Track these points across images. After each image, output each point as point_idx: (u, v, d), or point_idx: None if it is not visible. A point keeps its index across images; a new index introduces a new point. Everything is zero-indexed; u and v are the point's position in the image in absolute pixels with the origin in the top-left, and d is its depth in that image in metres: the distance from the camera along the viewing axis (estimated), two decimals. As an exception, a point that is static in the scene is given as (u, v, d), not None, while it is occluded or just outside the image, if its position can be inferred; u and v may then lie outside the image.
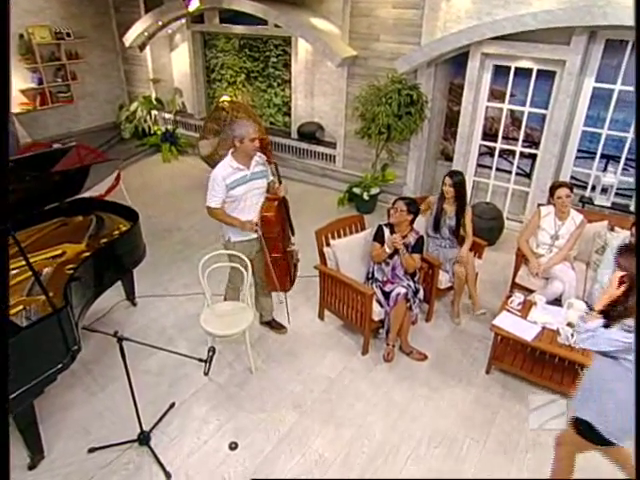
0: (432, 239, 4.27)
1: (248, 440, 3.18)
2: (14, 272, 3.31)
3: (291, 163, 7.17)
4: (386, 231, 3.81)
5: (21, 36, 6.89)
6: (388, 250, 3.73)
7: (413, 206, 3.75)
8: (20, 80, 6.99)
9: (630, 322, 2.10)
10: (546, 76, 5.28)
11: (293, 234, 3.87)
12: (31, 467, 2.95)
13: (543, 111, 5.44)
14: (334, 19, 6.22)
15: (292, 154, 7.16)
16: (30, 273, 3.30)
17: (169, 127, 8.00)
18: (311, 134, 6.88)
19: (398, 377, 3.71)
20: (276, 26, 6.60)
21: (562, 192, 4.02)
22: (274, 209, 3.52)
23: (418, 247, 3.82)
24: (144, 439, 3.09)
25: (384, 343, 3.89)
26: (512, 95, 5.58)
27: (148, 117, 8.01)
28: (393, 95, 5.48)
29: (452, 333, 4.19)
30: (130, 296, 4.37)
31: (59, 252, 3.58)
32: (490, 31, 4.89)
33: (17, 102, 6.92)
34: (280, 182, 3.60)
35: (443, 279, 4.20)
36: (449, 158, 6.47)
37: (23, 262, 3.38)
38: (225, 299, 3.95)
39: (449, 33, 5.33)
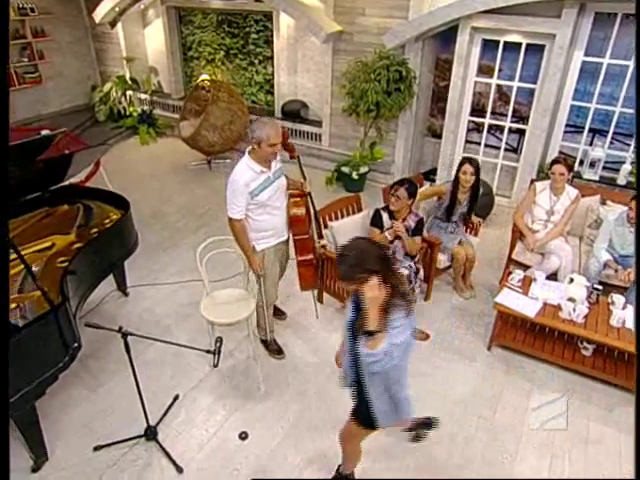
0: (437, 221, 4.22)
1: (258, 429, 3.13)
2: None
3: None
4: (384, 215, 3.73)
5: (-19, 12, 6.44)
6: (389, 237, 3.67)
7: (413, 189, 3.66)
8: (-17, 60, 6.56)
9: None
10: (535, 50, 5.25)
11: (321, 229, 3.65)
12: (35, 469, 2.84)
13: (532, 86, 5.41)
14: (317, -8, 6.02)
15: (276, 134, 6.98)
16: (20, 268, 3.14)
17: (145, 108, 7.69)
18: (295, 112, 6.71)
19: (401, 358, 3.70)
20: (256, 0, 6.35)
21: (556, 169, 4.03)
22: (302, 206, 3.27)
23: (418, 229, 3.78)
24: (151, 434, 3.01)
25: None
26: (500, 70, 5.54)
27: (123, 98, 7.66)
28: (382, 71, 5.37)
29: (452, 311, 4.20)
30: (121, 286, 4.22)
31: (48, 244, 3.40)
32: (482, 4, 4.80)
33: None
34: (304, 177, 3.34)
35: (442, 259, 4.19)
36: (436, 135, 6.43)
37: (14, 255, 3.24)
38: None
39: (437, 7, 5.22)
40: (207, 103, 6.49)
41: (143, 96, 7.87)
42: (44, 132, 2.78)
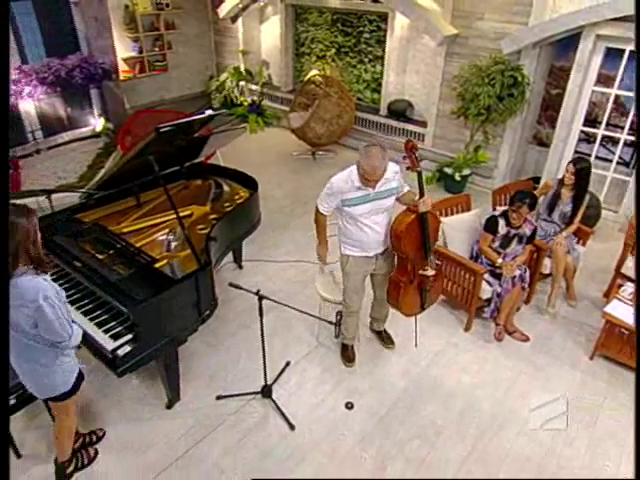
0: (541, 221, 4.25)
1: (361, 403, 3.35)
2: (153, 228, 3.57)
3: (379, 140, 7.19)
4: (501, 222, 3.76)
5: (126, 7, 7.17)
6: (506, 275, 3.72)
7: (534, 203, 3.69)
8: (123, 49, 7.30)
9: None
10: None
11: (427, 256, 3.19)
12: (169, 406, 3.24)
13: (656, 98, 5.22)
14: (435, -5, 6.14)
15: (380, 131, 7.18)
16: (167, 231, 3.57)
17: (255, 98, 8.17)
18: (401, 112, 6.87)
19: (502, 354, 3.78)
20: (374, 1, 6.58)
21: None
22: (406, 224, 3.00)
23: (532, 238, 3.83)
24: (267, 392, 3.32)
25: (487, 321, 3.97)
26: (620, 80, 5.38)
27: (236, 88, 8.20)
28: (496, 76, 5.40)
29: (552, 317, 4.19)
30: (238, 259, 4.61)
31: (188, 213, 3.81)
32: (612, 11, 4.71)
33: (121, 70, 7.24)
34: (422, 194, 3.00)
35: (547, 264, 4.20)
36: (541, 143, 6.34)
37: (160, 219, 3.69)
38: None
39: (560, 13, 5.17)
40: (316, 97, 6.81)
41: (254, 87, 8.36)
42: (208, 112, 3.12)
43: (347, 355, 3.66)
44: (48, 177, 5.59)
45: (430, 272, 3.20)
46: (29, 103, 6.18)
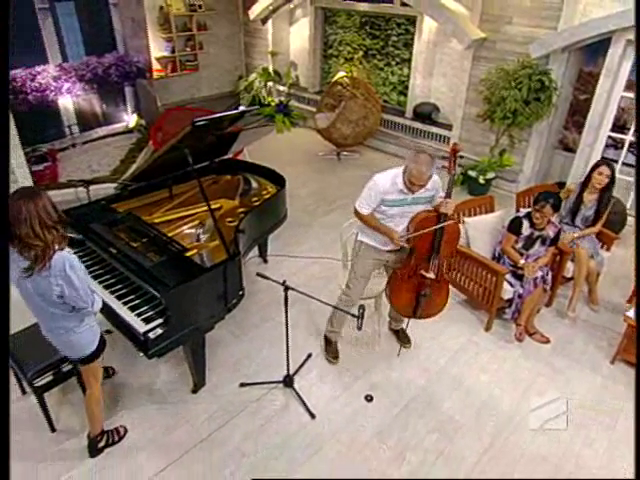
0: (564, 225, 4.25)
1: (380, 396, 3.41)
2: (184, 220, 3.71)
3: (404, 142, 7.27)
4: (525, 223, 3.79)
5: (161, 8, 7.39)
6: (528, 276, 3.75)
7: (558, 204, 3.70)
8: (156, 48, 7.52)
9: None
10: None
11: (432, 258, 3.17)
12: (194, 391, 3.36)
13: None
14: (464, 0, 6.18)
15: (405, 133, 7.25)
16: (197, 222, 3.70)
17: (282, 99, 8.31)
18: (426, 114, 6.92)
19: (521, 355, 3.80)
20: (402, 4, 6.65)
21: None
22: (423, 217, 3.06)
23: (555, 240, 3.85)
24: (289, 381, 3.42)
25: (508, 321, 4.00)
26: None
27: (264, 88, 8.36)
28: (523, 80, 5.42)
29: (573, 321, 4.19)
30: (263, 254, 4.73)
31: (217, 206, 3.94)
32: (643, 17, 4.70)
33: (154, 69, 7.47)
34: (448, 195, 3.05)
35: (570, 267, 4.21)
36: (567, 148, 6.32)
37: (191, 211, 3.82)
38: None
39: (590, 18, 5.17)
40: (343, 98, 6.91)
41: (282, 88, 8.51)
42: (241, 108, 3.24)
43: (332, 350, 3.68)
44: (83, 170, 5.81)
45: (430, 275, 3.19)
46: (67, 99, 6.43)
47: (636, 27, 3.31)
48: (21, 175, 4.49)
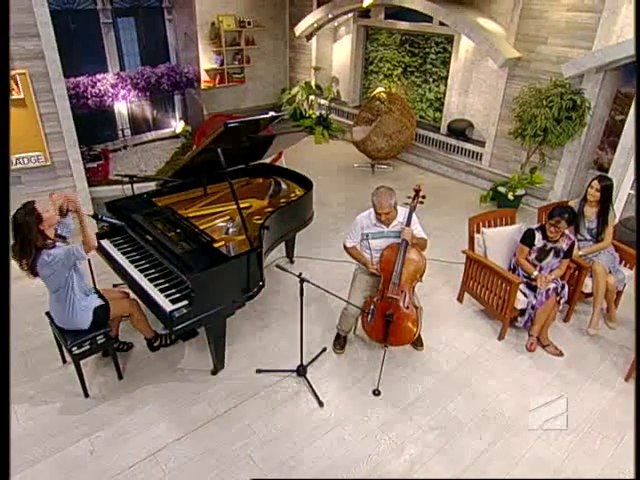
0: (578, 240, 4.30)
1: (388, 392, 3.56)
2: (215, 215, 4.03)
3: (437, 157, 7.43)
4: (537, 235, 3.90)
5: (213, 24, 7.92)
6: (540, 287, 3.84)
7: (573, 218, 3.80)
8: (206, 61, 8.04)
9: None
10: None
11: (392, 279, 3.53)
12: (214, 372, 3.63)
13: None
14: (501, 20, 6.33)
15: (439, 148, 7.41)
16: (228, 218, 4.01)
17: (323, 112, 8.65)
18: (461, 131, 7.06)
19: (532, 365, 3.86)
20: (441, 24, 6.86)
21: None
22: (390, 244, 3.57)
23: (569, 253, 3.91)
24: (302, 371, 3.63)
25: (522, 332, 4.08)
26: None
27: (306, 102, 8.73)
28: (555, 98, 5.50)
29: (590, 337, 4.20)
30: (290, 254, 4.99)
31: (247, 205, 4.25)
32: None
33: (202, 80, 7.97)
34: (407, 225, 3.55)
35: (588, 283, 4.23)
36: (602, 169, 6.29)
37: (222, 208, 4.14)
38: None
39: (625, 38, 5.21)
40: (380, 113, 7.16)
41: (323, 101, 8.86)
42: (271, 113, 3.53)
43: (339, 342, 3.97)
44: (131, 169, 6.28)
45: (391, 294, 3.51)
46: (122, 104, 6.99)
47: (636, 28, 3.37)
48: (76, 170, 4.95)
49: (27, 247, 2.90)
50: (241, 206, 4.20)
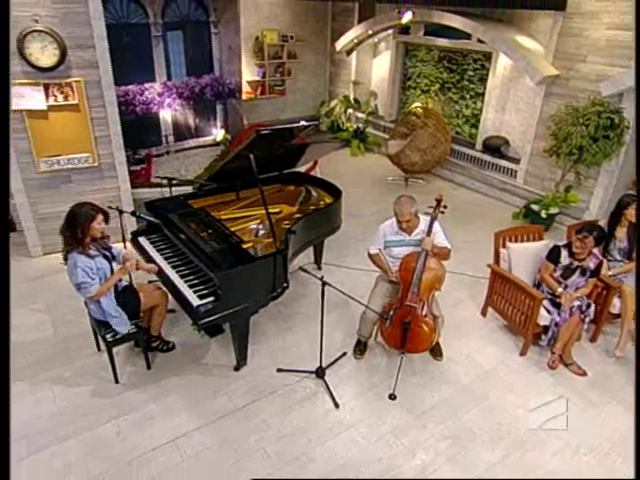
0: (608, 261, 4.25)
1: (404, 398, 3.62)
2: (246, 219, 4.21)
3: (471, 173, 7.43)
4: (563, 253, 3.89)
5: (257, 38, 8.24)
6: (564, 304, 3.83)
7: (602, 237, 3.78)
8: (249, 73, 8.35)
9: None
10: None
11: (410, 288, 3.58)
12: (236, 369, 3.79)
13: None
14: (540, 38, 6.33)
15: (474, 164, 7.41)
16: (258, 221, 4.18)
17: (360, 125, 8.80)
18: (496, 147, 7.05)
19: (554, 383, 3.83)
20: (479, 41, 6.91)
21: None
22: (410, 253, 3.64)
23: (596, 272, 3.88)
24: (321, 373, 3.73)
25: (544, 350, 4.04)
26: None
27: (344, 114, 8.91)
28: (592, 117, 5.45)
29: (617, 359, 4.12)
30: (318, 261, 5.12)
31: (277, 210, 4.42)
32: None
33: (244, 91, 8.29)
34: (428, 234, 3.61)
35: (617, 304, 4.17)
36: (642, 190, 6.16)
37: (253, 212, 4.32)
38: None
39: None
40: (415, 127, 7.24)
41: (360, 115, 9.02)
42: (302, 122, 3.70)
43: (359, 348, 4.04)
44: (172, 174, 6.58)
45: (410, 302, 3.56)
46: (167, 112, 7.36)
47: (636, 29, 3.33)
48: (121, 172, 5.26)
49: (72, 236, 3.18)
50: (271, 211, 4.40)
